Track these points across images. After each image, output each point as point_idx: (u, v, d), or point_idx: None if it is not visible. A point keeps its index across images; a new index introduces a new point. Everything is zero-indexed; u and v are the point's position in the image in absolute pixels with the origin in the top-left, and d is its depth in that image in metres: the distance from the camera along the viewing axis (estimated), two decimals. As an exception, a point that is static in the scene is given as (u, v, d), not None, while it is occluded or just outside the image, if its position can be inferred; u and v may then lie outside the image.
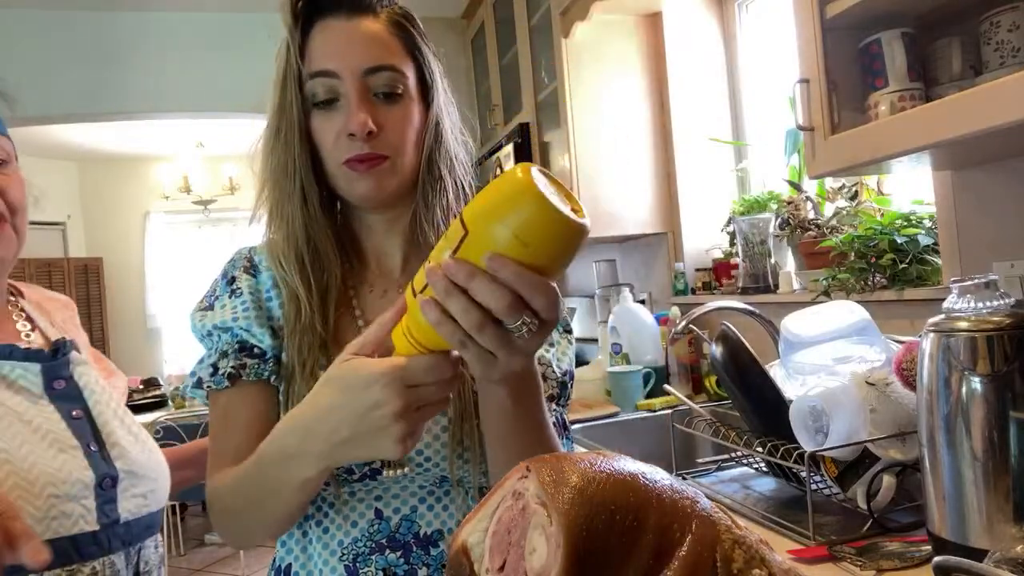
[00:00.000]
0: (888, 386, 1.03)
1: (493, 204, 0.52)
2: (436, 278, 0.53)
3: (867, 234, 1.52)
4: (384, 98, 0.79)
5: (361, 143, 0.77)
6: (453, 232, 0.54)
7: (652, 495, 0.41)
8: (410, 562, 0.77)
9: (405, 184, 0.83)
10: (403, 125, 0.80)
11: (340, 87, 0.78)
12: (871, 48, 1.11)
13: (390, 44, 0.80)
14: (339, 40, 0.79)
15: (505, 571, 0.41)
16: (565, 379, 0.84)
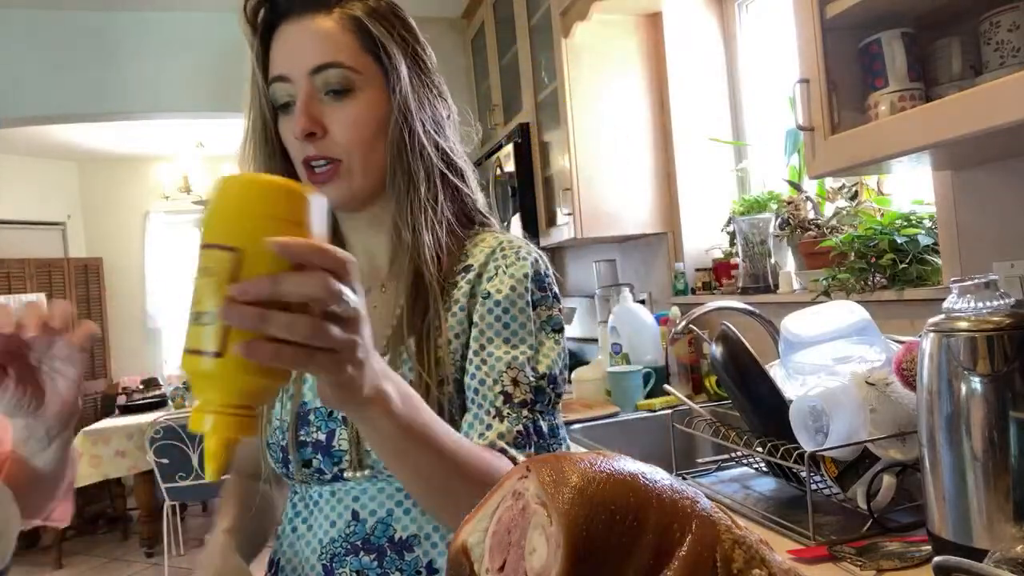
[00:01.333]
0: (888, 386, 1.03)
1: (237, 210, 0.49)
2: (240, 312, 0.45)
3: (867, 234, 1.52)
4: (335, 96, 0.77)
5: (309, 145, 0.77)
6: (215, 264, 0.47)
7: (652, 495, 0.41)
8: (383, 566, 0.76)
9: (373, 183, 0.81)
10: (353, 123, 0.78)
11: (292, 89, 0.78)
12: (871, 48, 1.11)
13: (340, 40, 0.77)
14: (289, 43, 0.78)
15: (505, 571, 0.41)
16: (541, 383, 0.78)
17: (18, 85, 3.36)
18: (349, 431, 0.78)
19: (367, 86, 0.78)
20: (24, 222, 5.87)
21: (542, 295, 0.83)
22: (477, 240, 0.86)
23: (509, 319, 0.79)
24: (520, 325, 0.79)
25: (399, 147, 0.80)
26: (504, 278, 0.80)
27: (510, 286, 0.80)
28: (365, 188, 0.81)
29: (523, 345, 0.79)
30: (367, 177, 0.80)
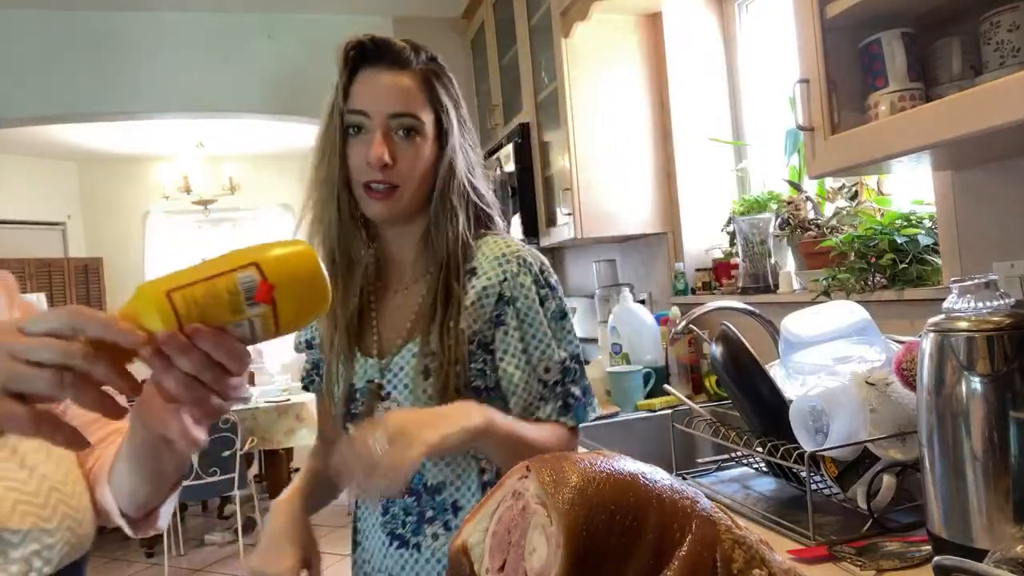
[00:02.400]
0: (888, 386, 1.03)
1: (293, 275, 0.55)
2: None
3: (867, 234, 1.52)
4: (404, 135, 1.00)
5: (378, 171, 0.98)
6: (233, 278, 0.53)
7: (652, 495, 0.41)
8: (421, 504, 1.02)
9: (413, 207, 1.03)
10: (415, 161, 1.00)
11: (369, 123, 0.99)
12: (871, 48, 1.11)
13: (415, 96, 1.00)
14: (374, 87, 1.00)
15: (505, 571, 0.41)
16: (566, 363, 1.02)
17: (19, 85, 3.36)
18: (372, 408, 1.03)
19: (426, 134, 1.01)
20: (24, 222, 5.87)
21: (546, 291, 1.03)
22: (481, 244, 1.06)
23: (528, 323, 1.01)
24: (539, 325, 1.01)
25: (445, 183, 1.04)
26: (516, 287, 1.01)
27: (523, 294, 1.01)
28: (407, 209, 1.03)
29: (546, 339, 1.01)
30: (411, 202, 1.03)
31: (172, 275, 0.53)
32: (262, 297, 0.53)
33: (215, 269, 0.53)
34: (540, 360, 1.00)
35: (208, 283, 0.52)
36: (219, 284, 0.52)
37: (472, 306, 1.00)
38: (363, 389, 1.05)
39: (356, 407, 1.06)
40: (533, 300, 1.01)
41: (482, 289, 1.01)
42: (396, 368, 1.03)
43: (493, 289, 1.01)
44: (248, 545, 4.07)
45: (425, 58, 1.03)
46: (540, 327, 1.01)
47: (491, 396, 1.01)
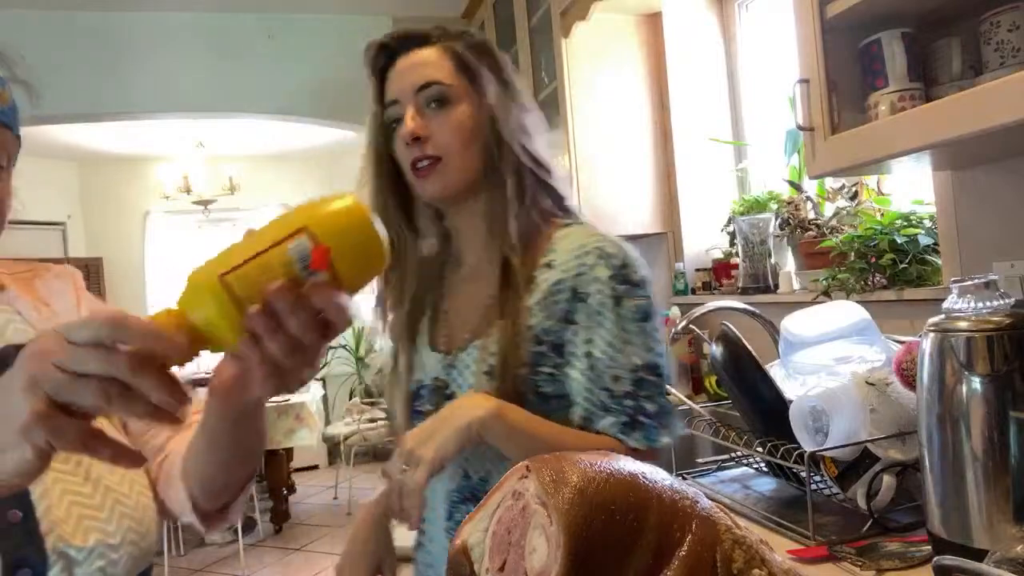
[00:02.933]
0: (888, 386, 1.03)
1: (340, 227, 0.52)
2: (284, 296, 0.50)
3: (867, 234, 1.52)
4: (436, 107, 0.95)
5: (416, 147, 0.94)
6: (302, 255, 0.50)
7: (652, 495, 0.41)
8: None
9: (464, 181, 0.96)
10: (453, 129, 0.94)
11: (402, 110, 0.96)
12: (871, 48, 1.11)
13: (440, 64, 0.96)
14: (400, 74, 0.98)
15: (505, 571, 0.41)
16: (640, 373, 0.89)
17: (18, 85, 3.36)
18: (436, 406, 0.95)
19: (462, 100, 0.96)
20: (24, 222, 5.87)
21: (626, 288, 0.91)
22: (562, 234, 0.96)
23: (597, 322, 0.89)
24: (609, 326, 0.89)
25: (488, 150, 0.96)
26: (590, 281, 0.90)
27: (597, 289, 0.90)
28: (459, 182, 0.96)
29: (617, 343, 0.89)
30: (461, 173, 0.96)
31: (221, 256, 0.50)
32: (318, 264, 0.49)
33: (264, 242, 0.50)
34: (608, 367, 0.88)
35: (259, 260, 0.49)
36: (272, 259, 0.49)
37: (543, 302, 0.92)
38: (429, 386, 0.99)
39: (421, 404, 1.00)
40: (607, 297, 0.89)
41: (555, 283, 0.92)
42: (462, 366, 0.95)
43: (566, 284, 0.91)
44: (248, 545, 4.08)
45: (452, 34, 0.99)
46: (611, 328, 0.89)
47: (561, 404, 0.91)
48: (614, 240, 0.94)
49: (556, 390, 0.91)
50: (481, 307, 0.97)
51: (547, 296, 0.92)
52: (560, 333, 0.91)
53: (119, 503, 0.73)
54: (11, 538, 0.66)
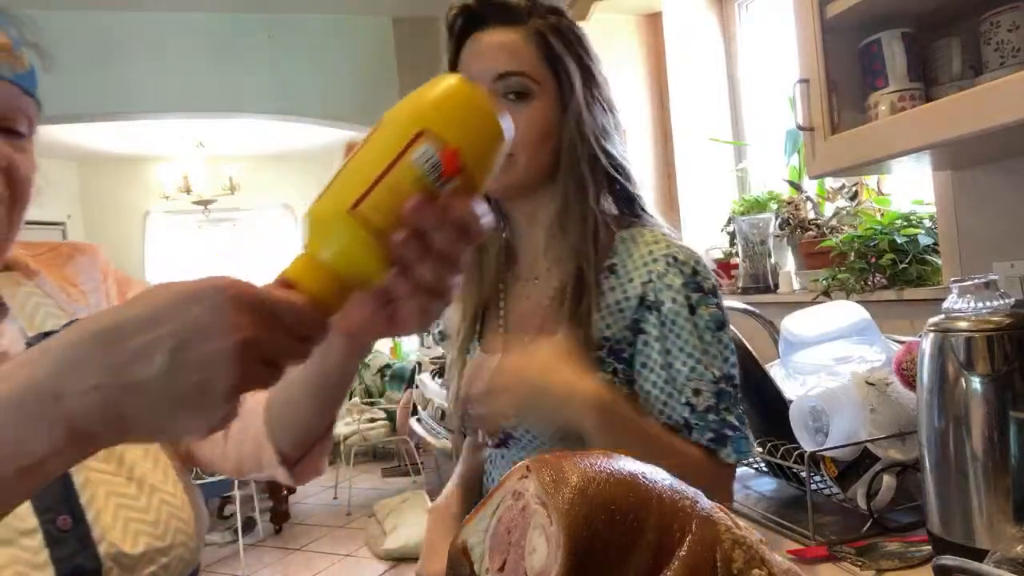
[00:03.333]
0: (888, 386, 1.03)
1: (469, 118, 0.45)
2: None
3: (867, 234, 1.52)
4: (515, 99, 0.88)
5: None
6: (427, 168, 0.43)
7: (652, 495, 0.41)
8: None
9: (534, 179, 0.91)
10: (529, 125, 0.88)
11: None
12: (871, 48, 1.11)
13: (524, 52, 0.89)
14: (479, 51, 0.90)
15: (505, 571, 0.41)
16: (720, 385, 0.85)
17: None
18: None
19: (543, 94, 0.89)
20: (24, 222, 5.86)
21: (699, 296, 0.88)
22: (628, 236, 0.93)
23: (675, 333, 0.86)
24: (687, 336, 0.86)
25: (570, 151, 0.91)
26: (662, 289, 0.87)
27: (671, 298, 0.86)
28: (525, 181, 0.91)
29: (696, 353, 0.85)
30: (529, 172, 0.90)
31: (337, 186, 0.43)
32: (451, 169, 0.43)
33: (382, 158, 0.43)
34: (688, 380, 0.85)
35: (386, 181, 0.42)
36: (399, 176, 0.42)
37: (608, 309, 0.88)
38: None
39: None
40: (682, 306, 0.86)
41: (621, 290, 0.89)
42: None
43: (634, 291, 0.88)
44: (248, 545, 4.08)
45: (542, 10, 0.91)
46: (688, 339, 0.85)
47: None
48: (683, 245, 0.91)
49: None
50: (539, 309, 0.94)
51: (613, 303, 0.89)
52: (624, 340, 0.88)
53: (165, 503, 0.69)
54: (65, 545, 0.61)
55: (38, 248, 0.80)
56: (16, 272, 0.74)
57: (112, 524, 0.64)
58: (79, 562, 0.61)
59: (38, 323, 0.71)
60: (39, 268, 0.76)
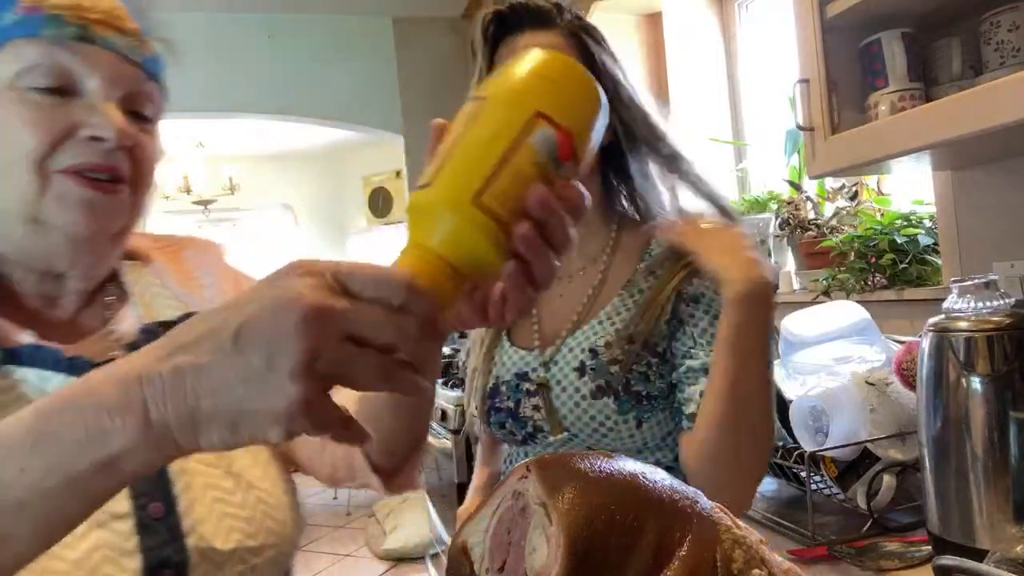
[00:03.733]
0: (888, 386, 1.03)
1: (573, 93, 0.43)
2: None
3: (867, 234, 1.52)
4: None
5: None
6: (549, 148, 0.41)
7: (652, 495, 0.41)
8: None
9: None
10: None
11: None
12: (871, 48, 1.11)
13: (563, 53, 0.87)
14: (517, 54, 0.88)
15: (505, 571, 0.41)
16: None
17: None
18: (540, 402, 0.94)
19: None
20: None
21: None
22: (663, 239, 0.94)
23: (715, 313, 0.88)
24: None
25: (613, 150, 0.93)
26: (699, 284, 0.90)
27: (712, 290, 0.88)
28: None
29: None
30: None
31: (450, 172, 0.40)
32: (566, 153, 0.41)
33: (498, 141, 0.40)
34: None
35: (509, 167, 0.39)
36: (521, 162, 0.39)
37: (644, 304, 0.91)
38: (511, 383, 0.97)
39: (500, 402, 0.98)
40: (715, 296, 0.89)
41: (656, 283, 0.91)
42: (563, 361, 0.93)
43: (669, 286, 0.91)
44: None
45: (571, 16, 0.94)
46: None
47: (655, 405, 0.90)
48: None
49: (649, 390, 0.89)
50: (575, 303, 0.96)
51: (646, 297, 0.91)
52: (659, 334, 0.90)
53: (261, 501, 0.66)
54: (155, 534, 0.59)
55: (159, 239, 0.80)
56: (137, 261, 0.75)
57: (206, 517, 0.62)
58: (167, 553, 0.59)
59: (155, 311, 0.71)
60: (158, 258, 0.76)
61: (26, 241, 0.62)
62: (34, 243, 0.62)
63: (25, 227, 0.61)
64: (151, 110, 0.68)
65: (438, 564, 3.00)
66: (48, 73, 0.59)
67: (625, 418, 0.89)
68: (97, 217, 0.62)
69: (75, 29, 0.60)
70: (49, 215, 0.60)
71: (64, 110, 0.60)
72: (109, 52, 0.62)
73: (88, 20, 0.60)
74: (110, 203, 0.62)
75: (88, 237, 0.63)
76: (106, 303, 0.70)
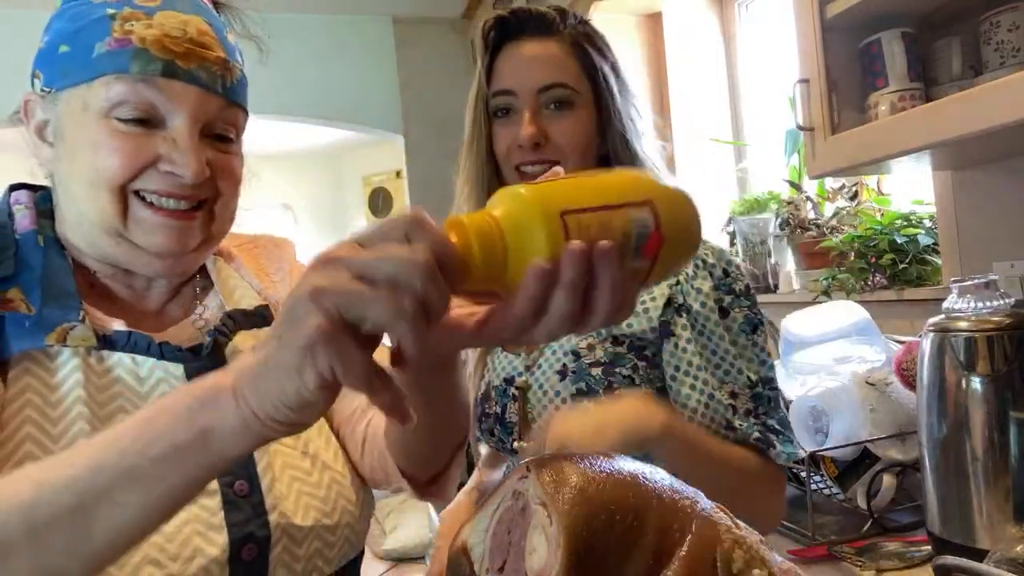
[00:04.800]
0: (888, 386, 1.03)
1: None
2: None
3: (867, 234, 1.52)
4: (556, 108, 0.90)
5: (530, 151, 0.89)
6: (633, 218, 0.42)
7: (652, 495, 0.41)
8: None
9: None
10: (571, 134, 0.90)
11: (516, 103, 0.90)
12: (871, 48, 1.11)
13: (565, 63, 0.90)
14: (519, 62, 0.91)
15: (505, 571, 0.41)
16: (757, 389, 0.84)
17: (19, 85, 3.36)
18: (517, 406, 0.91)
19: (583, 103, 0.91)
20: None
21: (730, 299, 0.87)
22: None
23: (707, 336, 0.85)
24: (718, 340, 0.85)
25: (616, 154, 0.93)
26: (690, 292, 0.87)
27: (700, 302, 0.86)
28: None
29: (730, 357, 0.85)
30: None
31: (553, 187, 0.42)
32: (650, 251, 0.42)
33: (607, 195, 0.41)
34: (723, 382, 0.84)
35: (604, 214, 0.41)
36: (615, 220, 0.41)
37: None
38: (499, 388, 0.95)
39: (489, 406, 0.96)
40: (712, 310, 0.86)
41: (647, 290, 0.88)
42: (545, 365, 0.91)
43: (660, 291, 0.88)
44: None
45: (573, 21, 0.93)
46: (720, 343, 0.85)
47: None
48: (713, 247, 0.91)
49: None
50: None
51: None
52: (646, 338, 0.87)
53: (335, 481, 0.70)
54: (240, 511, 0.63)
55: (240, 239, 0.85)
56: (219, 257, 0.81)
57: (285, 494, 0.66)
58: (251, 529, 0.63)
59: (235, 301, 0.76)
60: (238, 255, 0.82)
61: (112, 251, 0.67)
62: (120, 253, 0.67)
63: (110, 239, 0.66)
64: (233, 132, 0.72)
65: (438, 564, 3.00)
66: (135, 109, 0.63)
67: None
68: (176, 239, 0.66)
69: (160, 65, 0.63)
70: (131, 234, 0.65)
71: (149, 141, 0.64)
72: (193, 87, 0.65)
73: (174, 54, 0.64)
74: (186, 227, 0.67)
75: (169, 254, 0.67)
76: (193, 294, 0.76)
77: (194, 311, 0.74)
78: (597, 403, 0.78)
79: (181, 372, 0.67)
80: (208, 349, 0.69)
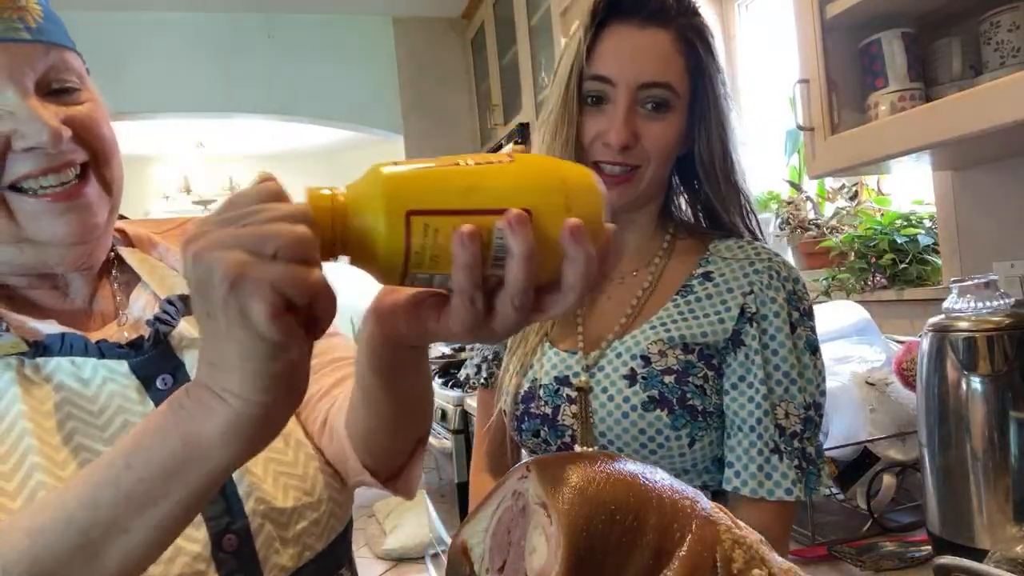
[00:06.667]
0: (888, 386, 1.03)
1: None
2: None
3: (867, 234, 1.52)
4: (652, 109, 0.83)
5: (615, 151, 0.83)
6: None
7: (652, 495, 0.41)
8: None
9: (651, 191, 0.88)
10: (663, 139, 0.84)
11: (611, 92, 0.83)
12: (871, 48, 1.11)
13: (671, 60, 0.83)
14: (624, 49, 0.83)
15: (505, 571, 0.41)
16: (809, 412, 0.82)
17: None
18: (577, 408, 0.86)
19: (681, 106, 0.85)
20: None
21: (799, 316, 0.84)
22: (723, 245, 0.89)
23: (772, 351, 0.82)
24: (785, 355, 0.82)
25: (708, 164, 0.88)
26: (766, 303, 0.83)
27: (774, 312, 0.83)
28: (645, 193, 0.87)
29: (792, 374, 0.82)
30: (651, 185, 0.86)
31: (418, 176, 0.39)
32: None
33: (477, 196, 0.38)
34: (782, 399, 0.81)
35: (461, 220, 0.37)
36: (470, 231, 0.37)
37: (705, 315, 0.84)
38: (550, 387, 0.90)
39: (535, 407, 0.91)
40: (784, 323, 0.82)
41: (720, 299, 0.85)
42: (609, 367, 0.86)
43: (734, 300, 0.84)
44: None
45: (688, 10, 0.85)
46: (787, 358, 0.82)
47: (710, 423, 0.83)
48: (784, 261, 0.87)
49: (705, 405, 0.82)
50: (623, 307, 0.89)
51: (709, 309, 0.84)
52: (717, 348, 0.83)
53: (313, 458, 0.68)
54: (214, 504, 0.60)
55: (165, 224, 0.80)
56: (138, 248, 0.75)
57: (263, 478, 0.64)
58: (228, 520, 0.61)
59: (169, 287, 0.71)
60: (162, 242, 0.76)
61: (20, 259, 0.62)
62: (28, 258, 0.62)
63: (13, 249, 0.61)
64: (75, 78, 0.64)
65: (438, 564, 3.01)
66: None
67: (678, 434, 0.82)
68: (79, 220, 0.61)
69: None
70: (30, 232, 0.60)
71: None
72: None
73: None
74: (84, 205, 0.61)
75: (79, 239, 0.62)
76: (116, 289, 0.71)
77: (120, 308, 0.69)
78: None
79: (126, 368, 0.63)
80: (150, 340, 0.64)
